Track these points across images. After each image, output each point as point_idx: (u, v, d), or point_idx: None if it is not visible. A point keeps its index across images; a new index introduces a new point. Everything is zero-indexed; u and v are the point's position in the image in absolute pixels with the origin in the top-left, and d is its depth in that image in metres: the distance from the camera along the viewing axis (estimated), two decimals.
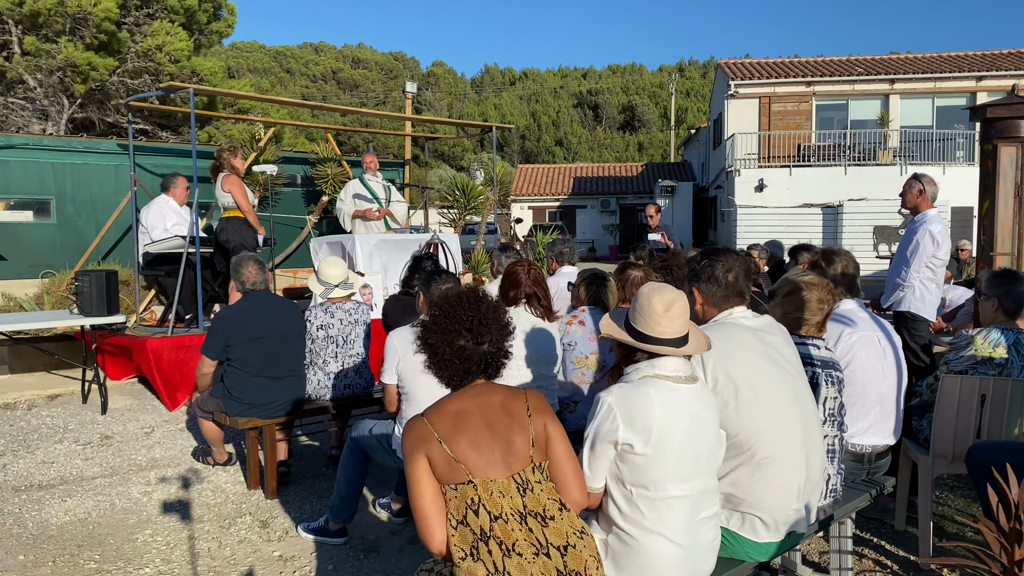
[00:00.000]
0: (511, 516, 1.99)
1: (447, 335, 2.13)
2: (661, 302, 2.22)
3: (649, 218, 8.55)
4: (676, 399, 2.18)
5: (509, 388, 2.17)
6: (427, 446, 2.02)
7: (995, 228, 4.60)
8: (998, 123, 4.56)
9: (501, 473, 2.02)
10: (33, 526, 3.95)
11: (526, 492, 2.03)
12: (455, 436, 2.02)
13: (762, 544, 2.49)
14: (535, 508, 2.02)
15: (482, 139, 39.40)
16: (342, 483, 3.73)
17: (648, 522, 2.16)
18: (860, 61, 24.01)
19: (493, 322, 2.17)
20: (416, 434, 2.05)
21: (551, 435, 2.12)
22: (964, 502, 4.19)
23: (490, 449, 2.03)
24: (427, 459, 2.02)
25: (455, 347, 2.12)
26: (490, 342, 2.15)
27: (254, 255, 4.59)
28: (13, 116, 13.72)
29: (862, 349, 3.33)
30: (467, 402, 2.11)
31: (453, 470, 2.00)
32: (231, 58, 51.85)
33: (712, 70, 50.15)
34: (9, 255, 8.42)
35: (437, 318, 2.17)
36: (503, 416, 2.08)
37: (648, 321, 2.22)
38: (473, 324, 2.14)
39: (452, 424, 2.04)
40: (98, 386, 6.08)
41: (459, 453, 2.00)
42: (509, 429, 2.06)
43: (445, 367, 2.15)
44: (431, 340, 2.16)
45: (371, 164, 8.66)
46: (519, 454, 2.05)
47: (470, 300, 2.19)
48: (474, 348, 2.13)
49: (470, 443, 2.02)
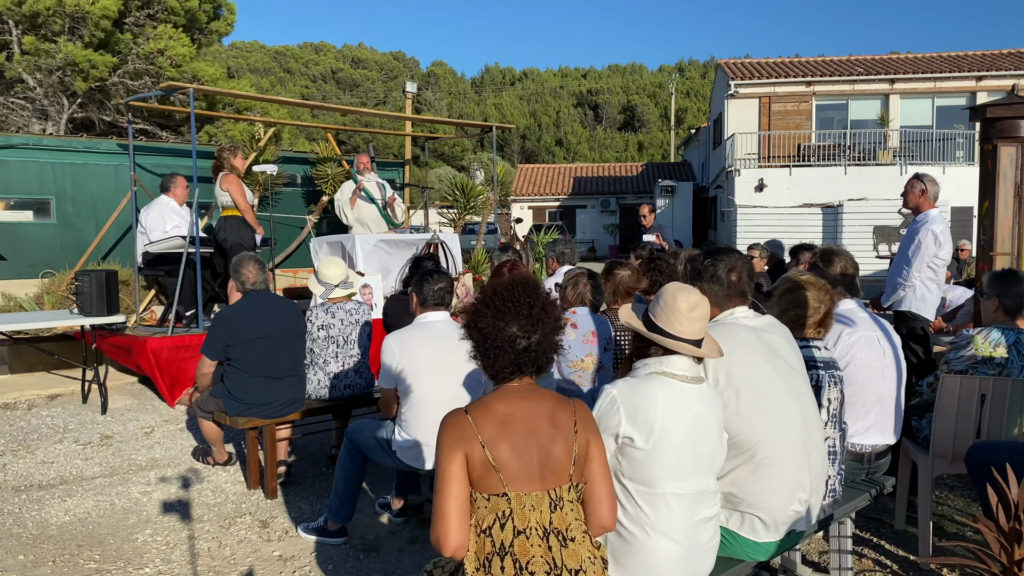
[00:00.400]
0: (534, 531, 1.90)
1: (500, 320, 1.98)
2: (686, 302, 2.23)
3: (643, 218, 8.60)
4: (680, 397, 2.19)
5: (558, 396, 2.06)
6: (468, 445, 1.90)
7: (995, 228, 4.59)
8: (998, 123, 4.56)
9: (536, 486, 1.92)
10: (33, 526, 3.95)
11: (556, 509, 1.94)
12: (498, 441, 1.91)
13: (761, 544, 2.50)
14: (560, 527, 1.93)
15: (482, 139, 39.39)
16: (340, 483, 3.73)
17: (648, 520, 2.16)
18: (860, 61, 24.01)
19: (548, 312, 2.04)
20: (458, 431, 1.92)
21: (592, 453, 2.02)
22: (964, 502, 4.19)
23: (530, 459, 1.92)
24: (465, 458, 1.90)
25: (508, 334, 1.97)
26: (543, 333, 2.01)
27: (254, 255, 4.59)
28: (13, 116, 13.73)
29: (862, 349, 3.33)
30: (514, 405, 1.98)
31: (489, 477, 1.90)
32: (231, 58, 51.88)
33: (712, 70, 50.13)
34: (9, 255, 8.42)
35: (491, 301, 2.02)
36: (549, 426, 1.97)
37: (670, 318, 2.23)
38: (531, 311, 2.00)
39: (498, 428, 1.93)
40: (98, 386, 6.08)
41: (499, 460, 1.90)
42: (552, 441, 1.95)
43: (496, 356, 1.99)
44: (482, 324, 2.01)
45: (363, 164, 8.70)
46: (558, 469, 1.95)
47: (527, 286, 2.05)
48: (527, 338, 1.99)
49: (512, 451, 1.91)
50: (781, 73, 22.93)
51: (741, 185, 21.18)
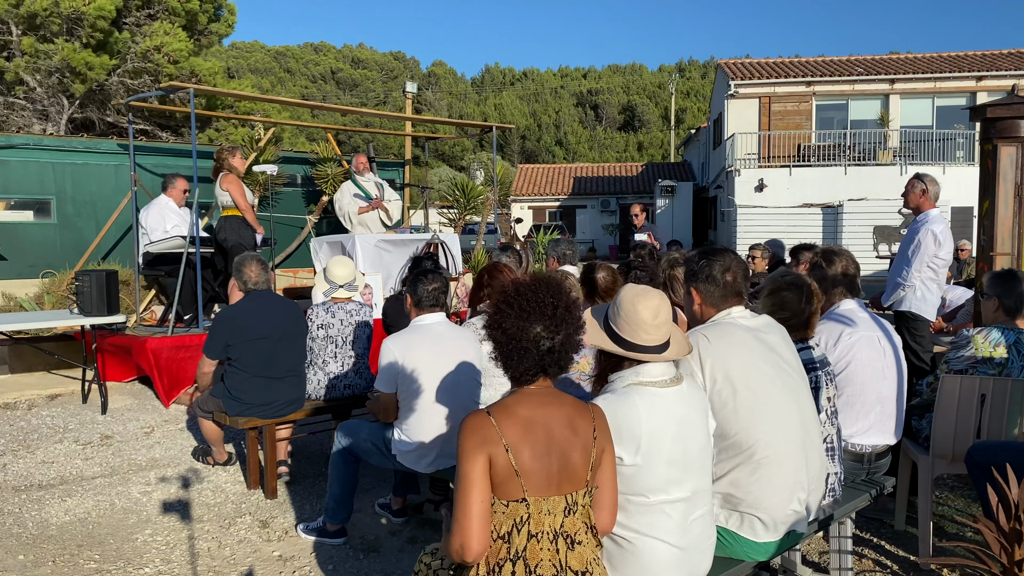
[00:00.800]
0: (545, 535, 1.90)
1: (525, 320, 1.94)
2: (647, 309, 2.17)
3: (634, 217, 8.75)
4: (662, 405, 2.16)
5: (576, 401, 2.03)
6: (493, 448, 1.87)
7: (995, 228, 4.60)
8: (998, 123, 4.56)
9: (553, 491, 1.91)
10: (33, 526, 3.95)
11: (570, 514, 1.93)
12: (521, 446, 1.88)
13: (761, 544, 2.49)
14: (569, 530, 1.93)
15: (482, 139, 39.37)
16: (334, 486, 3.71)
17: (642, 526, 2.14)
18: (860, 61, 24.02)
19: (571, 312, 2.00)
20: (482, 433, 1.88)
21: (604, 460, 2.01)
22: (964, 502, 4.19)
23: (550, 465, 1.90)
24: (489, 461, 1.87)
25: (532, 335, 1.93)
26: (566, 333, 1.98)
27: (256, 255, 4.59)
28: (13, 116, 13.73)
29: (862, 349, 3.33)
30: (535, 410, 1.95)
31: (510, 483, 1.88)
32: (231, 58, 51.88)
33: (712, 70, 50.11)
34: (9, 255, 8.43)
35: (515, 301, 1.97)
36: (568, 432, 1.94)
37: (635, 329, 2.17)
38: (555, 311, 1.96)
39: (522, 432, 1.90)
40: (98, 386, 6.08)
41: (522, 465, 1.87)
42: (571, 446, 1.93)
43: (521, 358, 1.95)
44: (506, 325, 1.95)
45: (360, 164, 8.70)
46: (575, 475, 1.93)
47: (552, 285, 2.01)
48: (551, 338, 1.95)
49: (534, 456, 1.89)
50: (781, 73, 22.94)
51: (741, 185, 21.19)
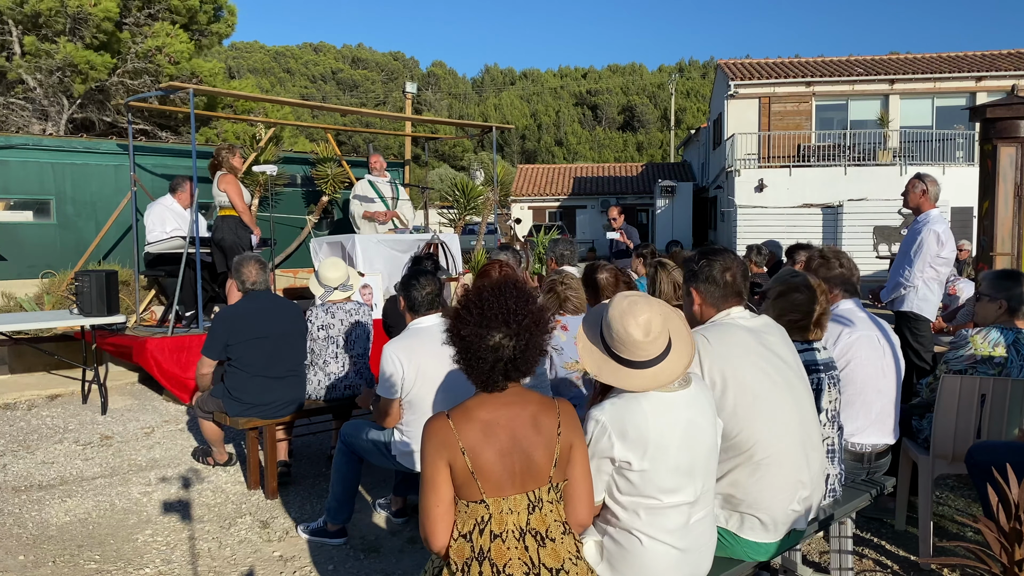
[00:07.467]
0: (510, 533, 1.91)
1: (483, 328, 1.93)
2: (638, 328, 2.10)
3: (612, 220, 9.06)
4: (669, 408, 2.14)
5: (542, 399, 2.03)
6: (450, 453, 1.90)
7: (995, 228, 4.60)
8: (998, 123, 4.56)
9: (515, 489, 1.93)
10: (33, 526, 3.95)
11: (535, 510, 1.95)
12: (480, 449, 1.90)
13: (761, 544, 2.49)
14: (538, 527, 1.94)
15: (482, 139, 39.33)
16: (336, 486, 3.71)
17: (645, 527, 2.14)
18: (860, 61, 24.02)
19: (535, 316, 1.98)
20: (440, 438, 1.92)
21: (574, 455, 2.01)
22: (964, 502, 4.19)
23: (512, 465, 1.92)
24: (449, 466, 1.91)
25: (492, 343, 1.92)
26: (529, 339, 1.95)
27: (255, 255, 4.60)
28: (13, 116, 13.72)
29: (862, 348, 3.33)
30: (497, 411, 1.96)
31: (469, 486, 1.91)
32: (231, 58, 51.90)
33: (712, 70, 50.09)
34: (9, 255, 8.43)
35: (474, 306, 1.96)
36: (531, 431, 1.95)
37: (631, 348, 2.13)
38: (516, 317, 1.93)
39: (480, 435, 1.91)
40: (98, 386, 6.08)
41: (480, 468, 1.90)
42: (534, 445, 1.94)
43: (479, 365, 1.95)
44: (464, 332, 1.95)
45: (377, 165, 8.66)
46: (537, 472, 1.95)
47: (513, 289, 1.98)
48: (511, 345, 1.92)
49: (495, 457, 1.91)
50: (781, 73, 22.93)
51: (741, 185, 21.18)
